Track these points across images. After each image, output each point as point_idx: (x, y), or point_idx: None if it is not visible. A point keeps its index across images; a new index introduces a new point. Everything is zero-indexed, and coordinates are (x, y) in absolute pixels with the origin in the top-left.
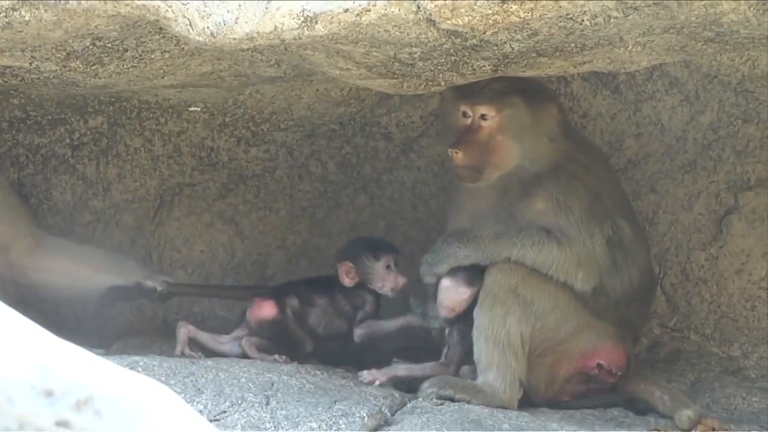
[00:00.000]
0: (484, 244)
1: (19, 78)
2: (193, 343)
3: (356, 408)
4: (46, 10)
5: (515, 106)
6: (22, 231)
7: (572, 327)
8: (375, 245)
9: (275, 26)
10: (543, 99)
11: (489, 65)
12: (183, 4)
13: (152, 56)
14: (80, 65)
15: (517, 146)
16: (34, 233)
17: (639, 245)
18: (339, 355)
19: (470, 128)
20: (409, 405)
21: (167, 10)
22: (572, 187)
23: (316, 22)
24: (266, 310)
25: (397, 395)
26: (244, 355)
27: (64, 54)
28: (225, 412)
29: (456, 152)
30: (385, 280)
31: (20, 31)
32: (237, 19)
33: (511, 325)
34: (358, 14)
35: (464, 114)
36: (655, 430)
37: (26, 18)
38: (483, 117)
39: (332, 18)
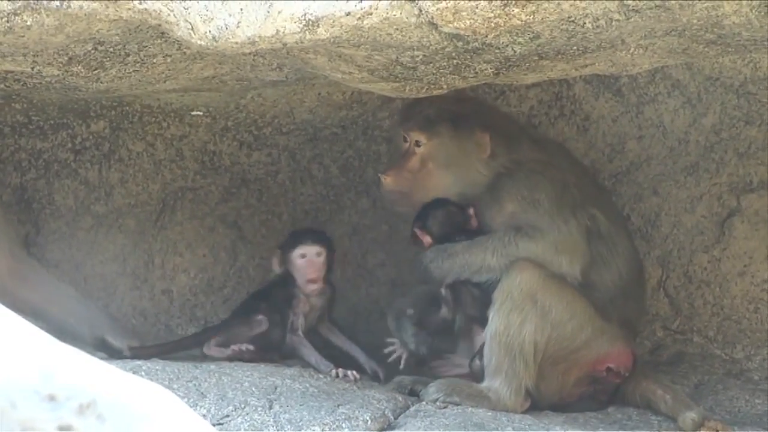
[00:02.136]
0: (458, 257)
1: (21, 83)
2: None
3: (359, 411)
4: (47, 15)
5: (443, 135)
6: (3, 251)
7: (587, 335)
8: (300, 234)
9: (277, 30)
10: (473, 127)
11: (491, 68)
12: (185, 8)
13: (154, 60)
14: (82, 70)
15: (448, 175)
16: (18, 257)
17: (620, 236)
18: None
19: (405, 153)
20: (412, 408)
21: (169, 15)
22: (534, 181)
23: (318, 26)
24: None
25: (400, 399)
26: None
27: (66, 59)
28: (228, 416)
29: (385, 177)
30: (299, 270)
31: (22, 36)
32: (239, 23)
33: (527, 333)
34: (359, 18)
35: (404, 138)
36: None
37: (28, 23)
38: (417, 143)
39: (334, 22)
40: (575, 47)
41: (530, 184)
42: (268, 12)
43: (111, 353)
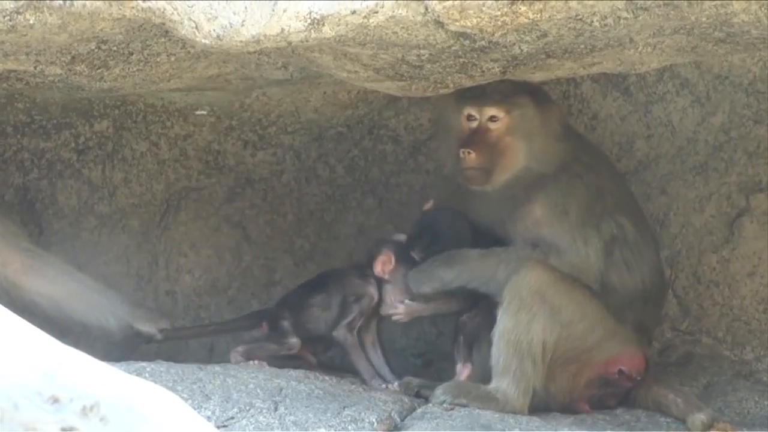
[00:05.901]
0: (469, 265)
1: (24, 82)
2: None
3: (365, 413)
4: (50, 14)
5: (524, 106)
6: (17, 249)
7: (598, 336)
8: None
9: (282, 28)
10: (548, 100)
11: (498, 67)
12: (189, 7)
13: (158, 59)
14: (85, 69)
15: (526, 147)
16: (30, 252)
17: (647, 244)
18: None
19: (478, 130)
20: (418, 410)
21: (173, 13)
22: (573, 186)
23: (323, 25)
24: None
25: (406, 400)
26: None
27: (69, 58)
28: (233, 418)
29: (468, 152)
30: (398, 291)
31: (25, 35)
32: (243, 21)
33: (535, 333)
34: (365, 16)
35: (469, 117)
36: None
37: (31, 21)
38: (492, 119)
39: (339, 20)
40: (583, 46)
41: (568, 189)
42: (273, 10)
43: (148, 341)
